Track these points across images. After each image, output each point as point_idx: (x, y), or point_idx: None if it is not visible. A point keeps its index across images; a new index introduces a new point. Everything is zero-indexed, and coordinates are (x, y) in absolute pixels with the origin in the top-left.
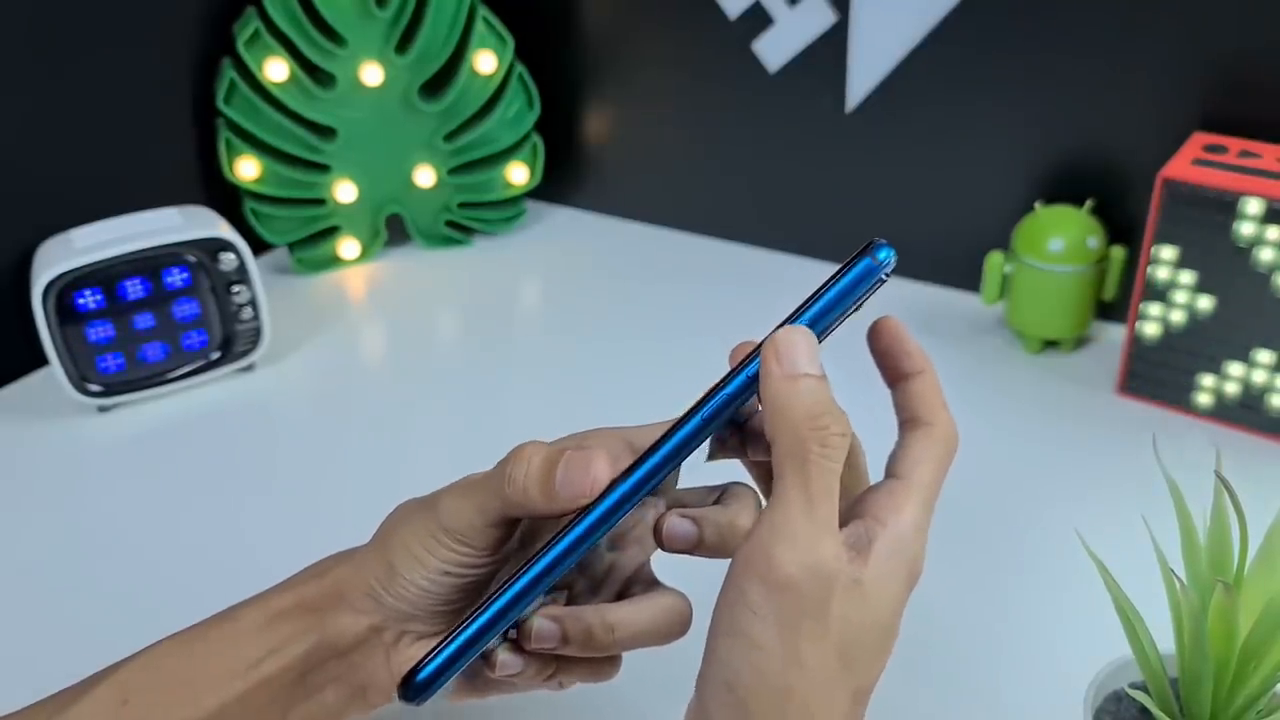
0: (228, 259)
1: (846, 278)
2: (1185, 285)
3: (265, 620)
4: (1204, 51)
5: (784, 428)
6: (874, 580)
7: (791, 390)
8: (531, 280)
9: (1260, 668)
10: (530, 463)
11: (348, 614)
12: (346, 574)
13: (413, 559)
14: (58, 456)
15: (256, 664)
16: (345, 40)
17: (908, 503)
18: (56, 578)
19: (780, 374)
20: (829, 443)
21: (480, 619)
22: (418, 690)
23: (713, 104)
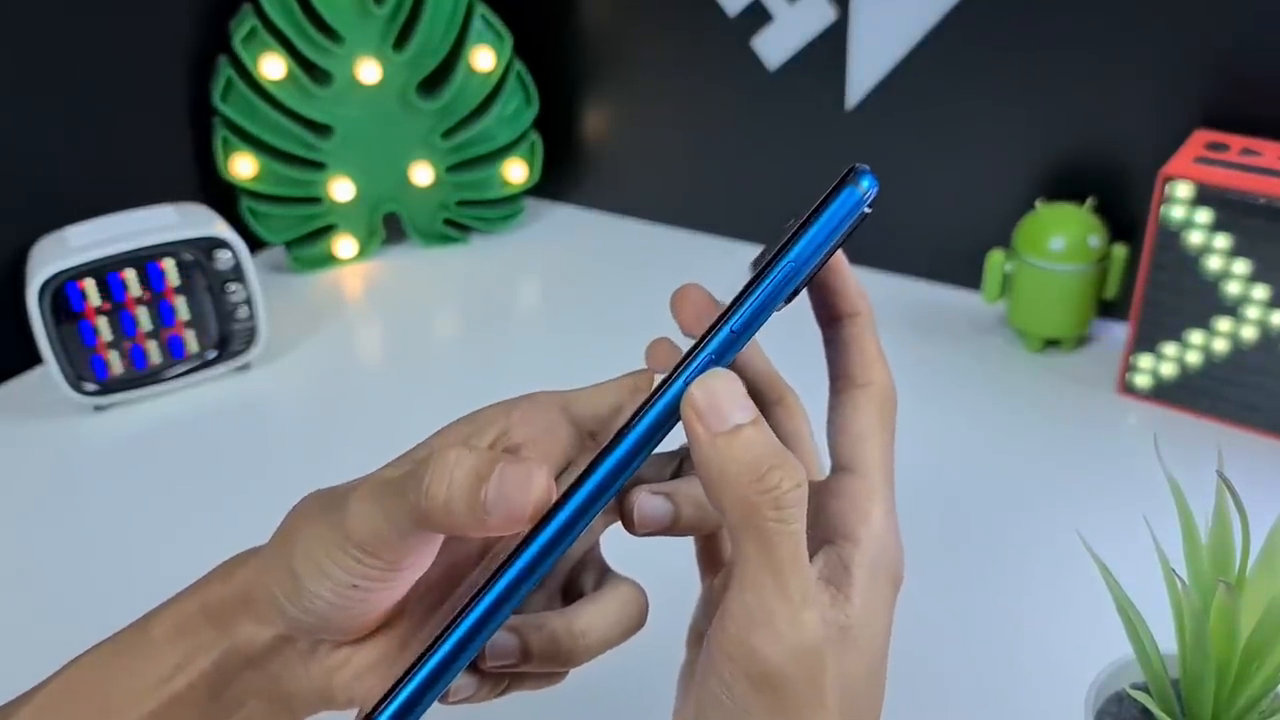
0: (224, 257)
1: (827, 211)
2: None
3: (174, 630)
4: (1205, 49)
5: (729, 495)
6: (862, 616)
7: (727, 450)
8: (530, 278)
9: (1262, 668)
10: (453, 475)
11: (253, 622)
12: (251, 577)
13: (316, 569)
14: (53, 456)
15: (167, 680)
16: (342, 37)
17: (872, 503)
18: (52, 578)
19: (708, 435)
20: (783, 503)
21: (442, 648)
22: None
23: (712, 101)
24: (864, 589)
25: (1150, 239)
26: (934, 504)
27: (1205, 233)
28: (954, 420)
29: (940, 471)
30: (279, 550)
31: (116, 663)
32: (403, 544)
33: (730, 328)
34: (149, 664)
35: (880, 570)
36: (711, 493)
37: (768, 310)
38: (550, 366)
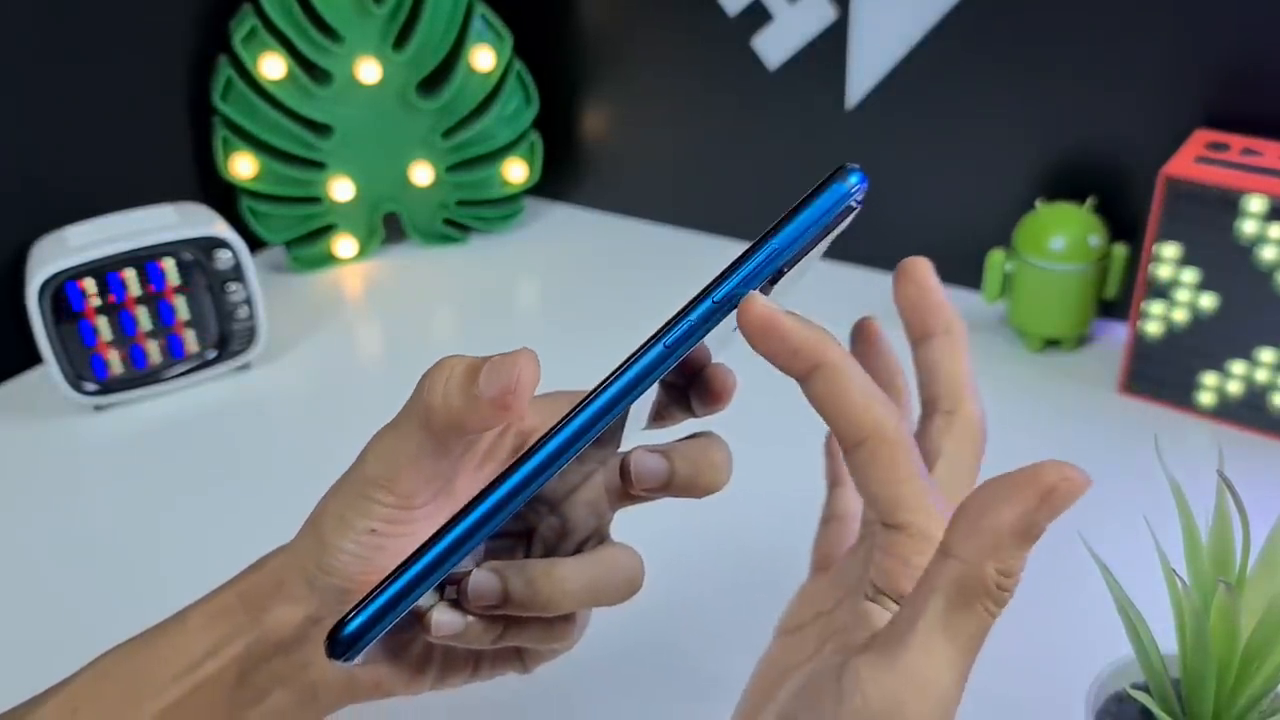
0: (224, 257)
1: (816, 201)
2: (1188, 284)
3: (208, 617)
4: (1207, 48)
5: (968, 544)
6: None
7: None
8: (529, 278)
9: (1263, 668)
10: (451, 371)
11: (286, 604)
12: (283, 561)
13: (340, 522)
14: (53, 456)
15: (197, 665)
16: (342, 37)
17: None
18: (52, 578)
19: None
20: (1004, 591)
21: (414, 567)
22: (344, 646)
23: (712, 101)
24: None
25: (1150, 239)
26: None
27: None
28: None
29: None
30: (309, 527)
31: (148, 650)
32: (415, 469)
33: (712, 299)
34: (180, 651)
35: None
36: (950, 529)
37: (749, 286)
38: (550, 366)
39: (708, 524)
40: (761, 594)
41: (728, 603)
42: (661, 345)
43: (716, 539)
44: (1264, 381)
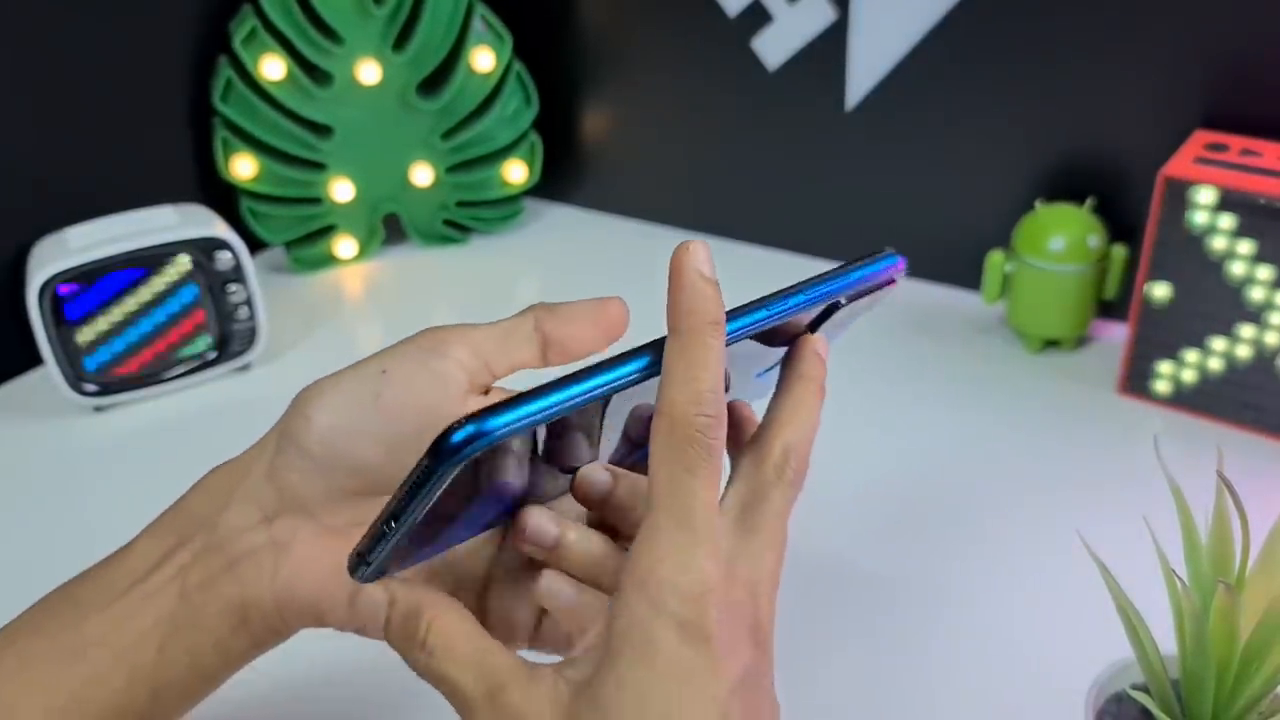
0: (224, 258)
1: (855, 272)
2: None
3: (153, 538)
4: (1206, 49)
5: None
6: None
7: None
8: (530, 278)
9: (1262, 668)
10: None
11: (236, 506)
12: (229, 469)
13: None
14: (53, 457)
15: (141, 580)
16: (342, 38)
17: (647, 548)
18: (52, 579)
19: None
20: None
21: (553, 394)
22: (452, 450)
23: (712, 102)
24: (616, 655)
25: (1150, 239)
26: (933, 504)
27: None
28: (953, 420)
29: (939, 471)
30: (276, 428)
31: (91, 578)
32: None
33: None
34: (124, 571)
35: (649, 627)
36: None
37: (796, 309)
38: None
39: None
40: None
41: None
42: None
43: None
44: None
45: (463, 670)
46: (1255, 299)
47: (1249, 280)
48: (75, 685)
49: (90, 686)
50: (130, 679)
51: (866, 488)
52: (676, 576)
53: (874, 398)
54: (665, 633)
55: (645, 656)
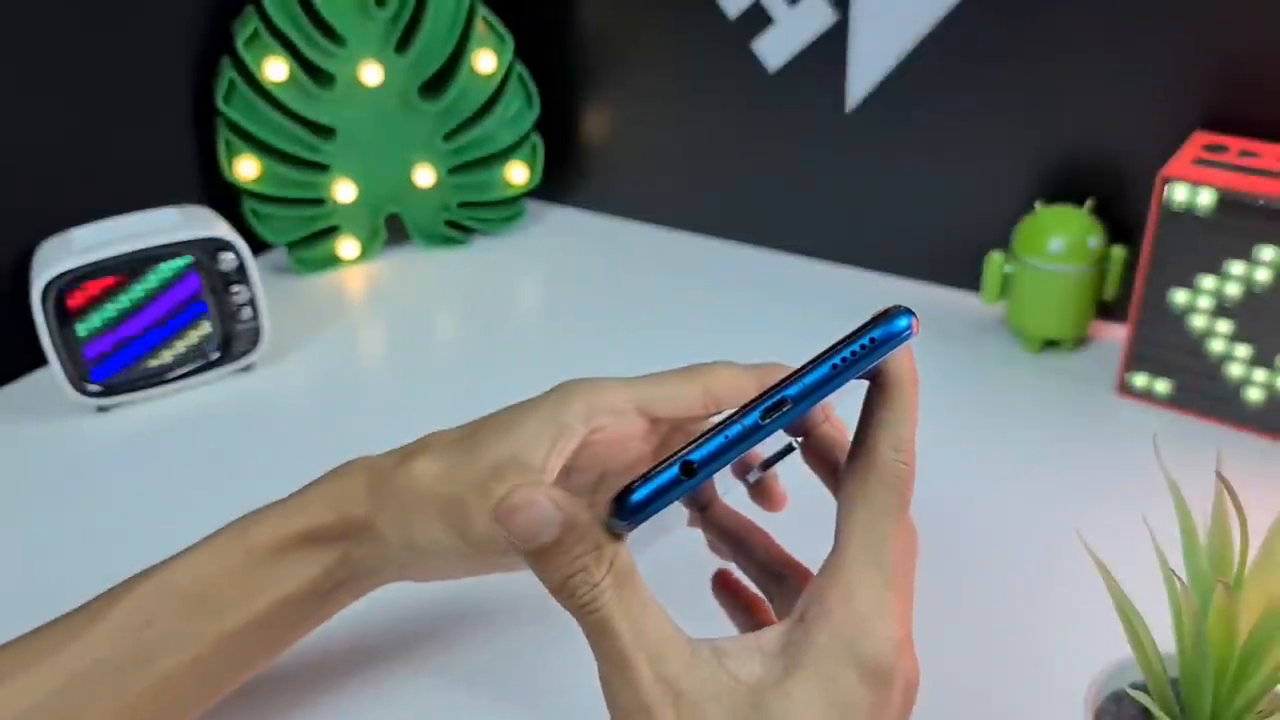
0: (227, 259)
1: (869, 352)
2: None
3: (276, 545)
4: (1205, 50)
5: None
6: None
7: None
8: (531, 280)
9: (1261, 668)
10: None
11: (369, 545)
12: (371, 511)
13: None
14: (56, 457)
15: (277, 583)
16: (345, 40)
17: (833, 583)
18: (56, 579)
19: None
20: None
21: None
22: (631, 510)
23: (712, 103)
24: (795, 668)
25: (1149, 240)
26: (933, 504)
27: None
28: (953, 421)
29: (939, 471)
30: (403, 513)
31: (215, 567)
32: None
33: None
34: (255, 572)
35: (834, 660)
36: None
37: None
38: (552, 367)
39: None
40: None
41: None
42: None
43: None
44: (1264, 382)
45: (627, 626)
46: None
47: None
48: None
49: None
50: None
51: None
52: (869, 619)
53: None
54: (847, 670)
55: (821, 685)
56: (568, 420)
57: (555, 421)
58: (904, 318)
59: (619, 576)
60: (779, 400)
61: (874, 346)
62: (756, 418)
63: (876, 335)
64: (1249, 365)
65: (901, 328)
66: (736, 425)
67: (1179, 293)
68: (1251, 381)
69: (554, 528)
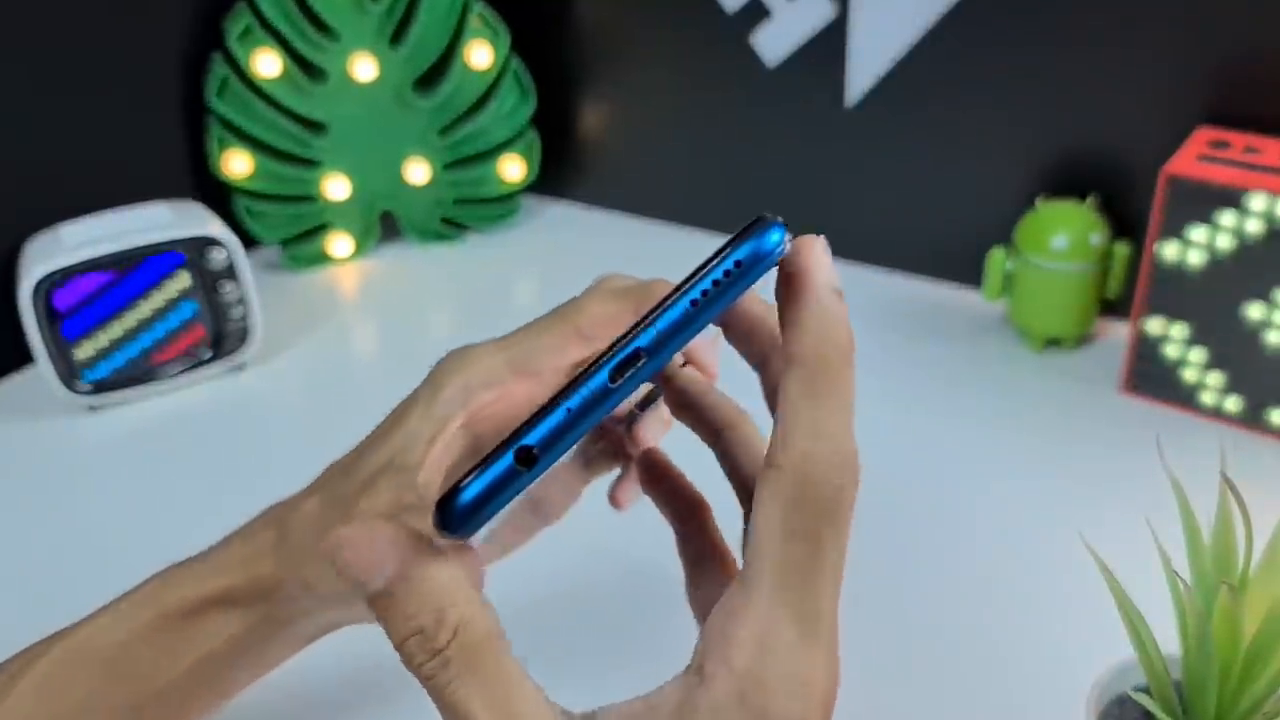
0: (218, 256)
1: (737, 279)
2: None
3: (189, 608)
4: (1209, 46)
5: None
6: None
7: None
8: (527, 276)
9: (1266, 670)
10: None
11: (284, 601)
12: (278, 567)
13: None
14: (47, 457)
15: (199, 642)
16: (338, 34)
17: (739, 624)
18: (46, 579)
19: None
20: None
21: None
22: (460, 518)
23: (710, 98)
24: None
25: (1152, 237)
26: (934, 503)
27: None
28: (954, 419)
29: (940, 471)
30: (298, 555)
31: (129, 628)
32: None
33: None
34: (174, 633)
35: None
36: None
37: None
38: None
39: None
40: None
41: None
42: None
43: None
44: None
45: (481, 707)
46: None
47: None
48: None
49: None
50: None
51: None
52: (785, 682)
53: (874, 396)
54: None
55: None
56: (442, 411)
57: (430, 416)
58: (775, 230)
59: (469, 647)
60: (631, 353)
61: (742, 272)
62: (604, 380)
63: (743, 257)
64: None
65: (773, 244)
66: (579, 393)
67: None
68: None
69: (381, 577)
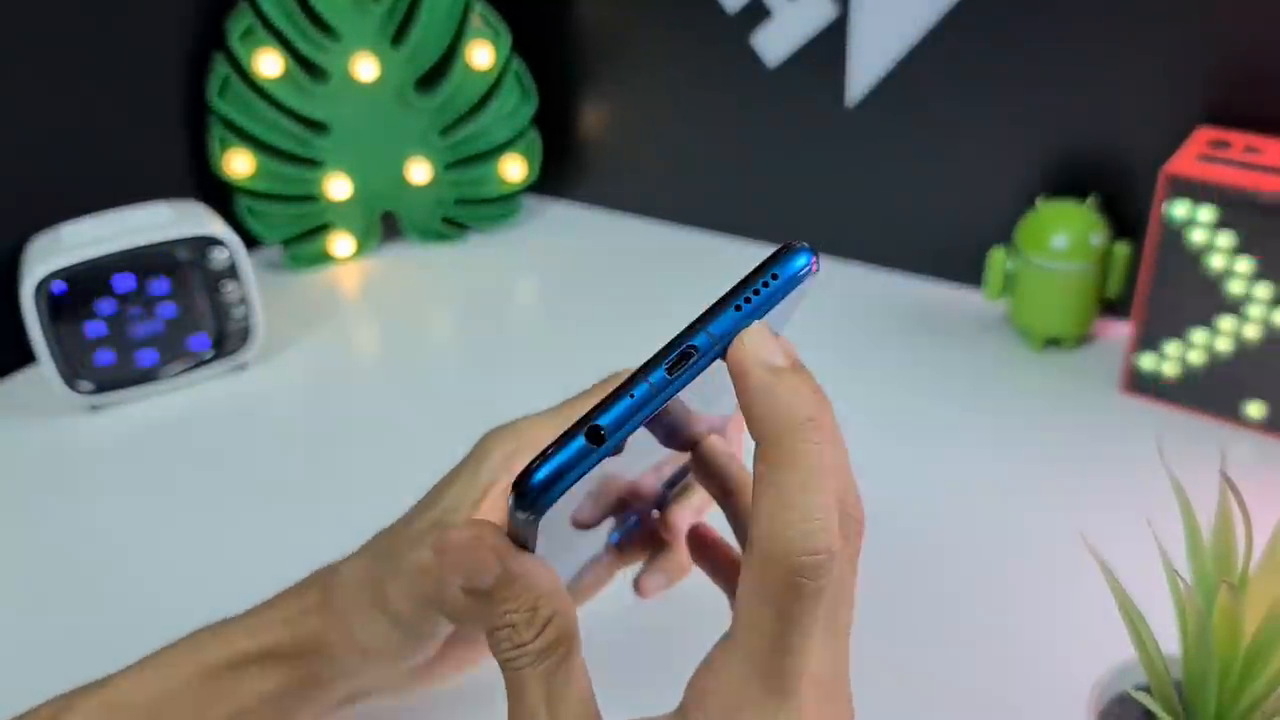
0: (220, 255)
1: (772, 291)
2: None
3: (234, 660)
4: (1209, 46)
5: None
6: None
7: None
8: (528, 276)
9: (1266, 669)
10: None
11: (325, 661)
12: (322, 624)
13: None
14: (48, 456)
15: (232, 696)
16: (339, 34)
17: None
18: (47, 579)
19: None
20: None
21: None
22: (537, 493)
23: (711, 98)
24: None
25: (1152, 237)
26: (934, 503)
27: (1208, 231)
28: (955, 419)
29: (940, 470)
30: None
31: (161, 683)
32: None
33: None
34: (207, 691)
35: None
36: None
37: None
38: (548, 364)
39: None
40: None
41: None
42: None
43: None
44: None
45: (539, 699)
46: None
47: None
48: None
49: None
50: None
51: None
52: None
53: (874, 395)
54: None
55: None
56: (487, 478)
57: (475, 482)
58: (802, 255)
59: (550, 645)
60: (685, 350)
61: (776, 286)
62: (663, 373)
63: (778, 271)
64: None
65: (799, 266)
66: (643, 384)
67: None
68: None
69: (490, 575)
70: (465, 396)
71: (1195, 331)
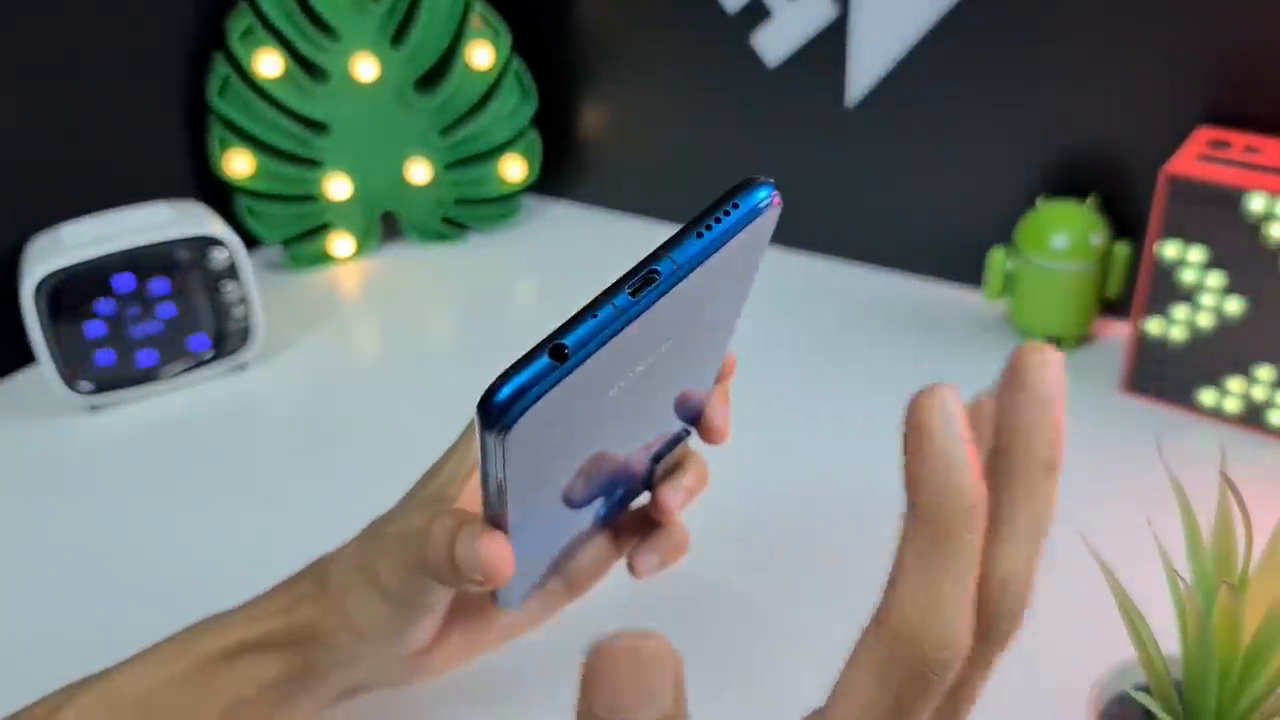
0: (220, 255)
1: (734, 222)
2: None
3: (231, 650)
4: (1209, 46)
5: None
6: None
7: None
8: (527, 276)
9: (1266, 669)
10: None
11: (321, 649)
12: (318, 610)
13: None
14: (48, 456)
15: (230, 686)
16: (339, 34)
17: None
18: (47, 579)
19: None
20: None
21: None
22: (501, 409)
23: (711, 98)
24: None
25: (1152, 237)
26: None
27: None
28: None
29: None
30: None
31: (161, 671)
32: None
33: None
34: (206, 682)
35: None
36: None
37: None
38: None
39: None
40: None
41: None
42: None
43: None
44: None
45: None
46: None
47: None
48: None
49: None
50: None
51: (866, 486)
52: None
53: (874, 395)
54: None
55: None
56: (477, 454)
57: (465, 459)
58: (764, 189)
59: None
60: (648, 275)
61: (737, 215)
62: (626, 295)
63: (738, 200)
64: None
65: (760, 198)
66: (607, 306)
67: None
68: (1257, 380)
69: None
70: (465, 396)
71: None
